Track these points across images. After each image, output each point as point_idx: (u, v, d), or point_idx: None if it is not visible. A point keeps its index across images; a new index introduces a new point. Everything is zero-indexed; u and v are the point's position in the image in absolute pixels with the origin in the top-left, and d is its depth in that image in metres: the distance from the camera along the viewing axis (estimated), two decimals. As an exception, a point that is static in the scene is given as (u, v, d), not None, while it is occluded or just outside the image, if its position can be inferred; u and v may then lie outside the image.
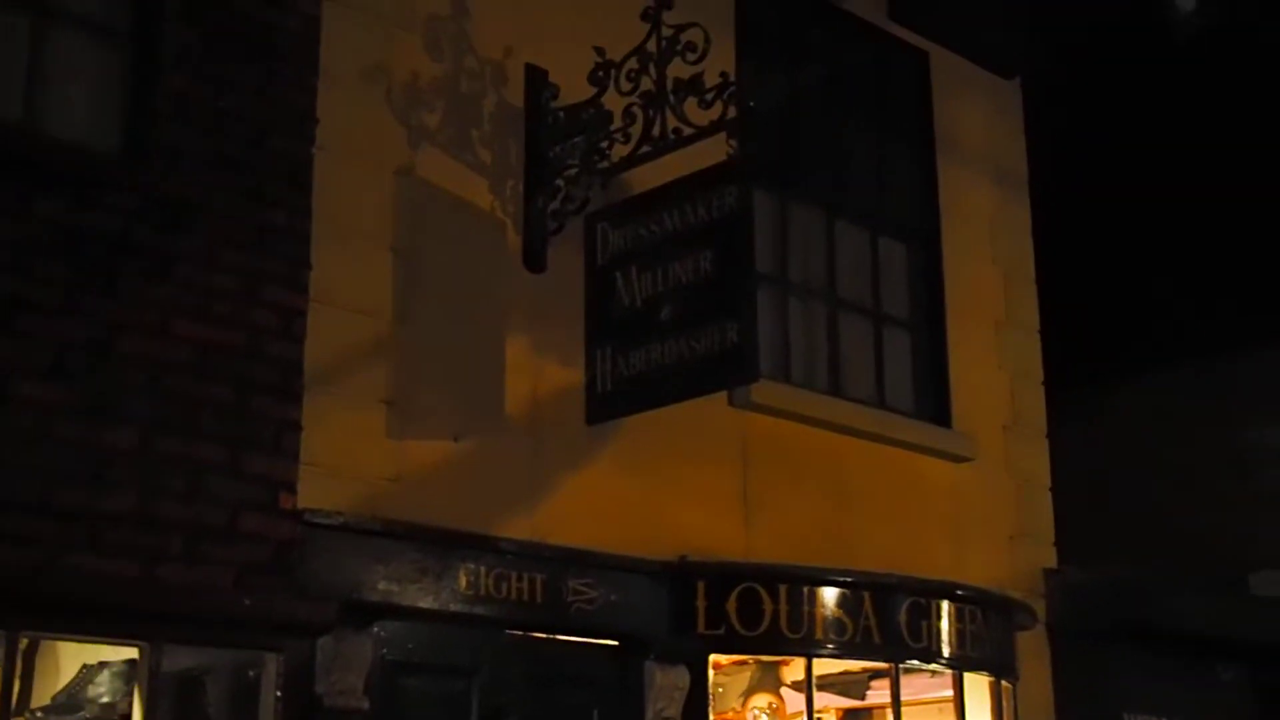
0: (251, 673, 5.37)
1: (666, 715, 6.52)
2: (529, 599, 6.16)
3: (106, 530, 5.07)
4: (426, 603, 5.84)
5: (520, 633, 6.25)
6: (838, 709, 9.14)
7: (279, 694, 5.26)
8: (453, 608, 5.92)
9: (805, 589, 6.97)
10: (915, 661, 7.41)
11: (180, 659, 5.28)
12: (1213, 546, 11.62)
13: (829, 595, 7.05)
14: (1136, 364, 12.38)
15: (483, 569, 6.02)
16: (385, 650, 5.76)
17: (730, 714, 8.37)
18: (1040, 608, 8.61)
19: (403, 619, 5.82)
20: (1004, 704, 7.94)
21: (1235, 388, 12.62)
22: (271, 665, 5.28)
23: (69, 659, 6.20)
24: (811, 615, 7.00)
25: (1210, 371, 12.54)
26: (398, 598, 5.75)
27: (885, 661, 7.37)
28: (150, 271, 5.40)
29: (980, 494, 8.52)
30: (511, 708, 6.12)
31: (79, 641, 5.46)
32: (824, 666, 7.81)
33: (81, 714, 5.90)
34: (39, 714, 6.08)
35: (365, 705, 5.54)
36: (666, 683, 6.52)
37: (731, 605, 6.81)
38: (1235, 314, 12.11)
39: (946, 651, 7.47)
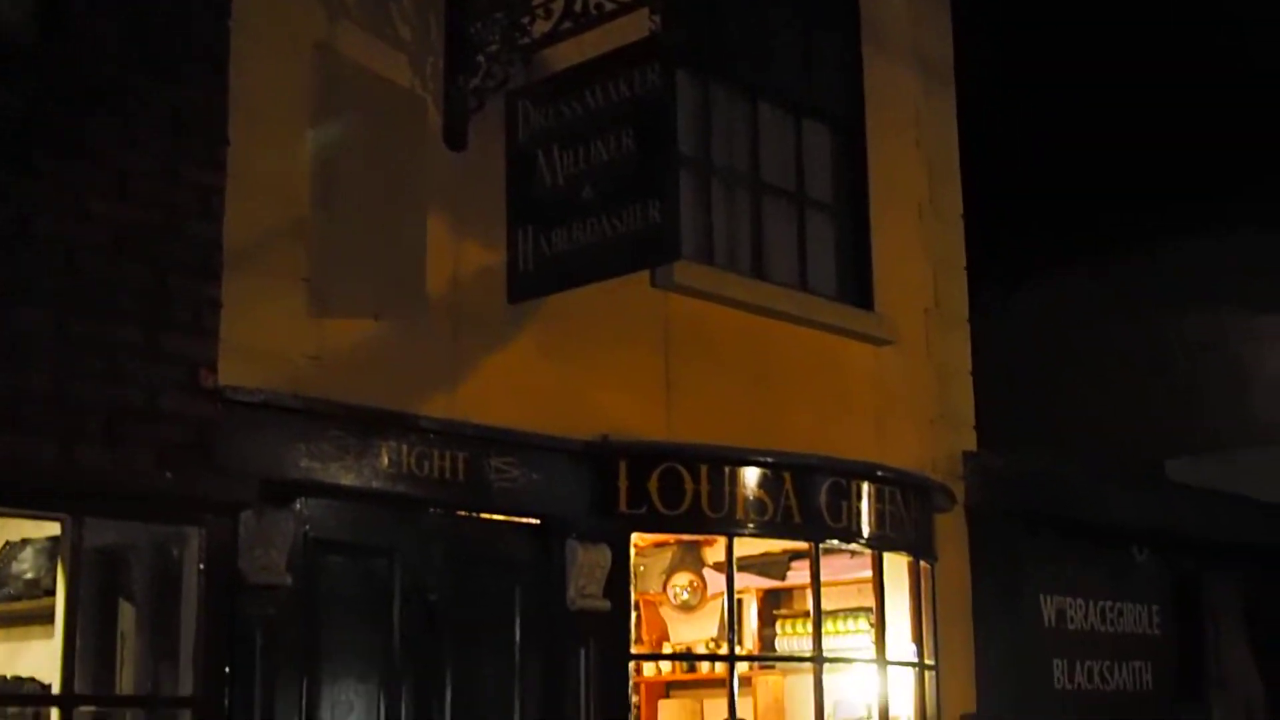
0: (174, 549, 5.38)
1: (588, 593, 6.59)
2: (451, 478, 6.20)
3: (24, 408, 5.04)
4: (348, 480, 5.87)
5: (442, 511, 6.29)
6: (758, 589, 9.30)
7: (202, 568, 5.27)
8: (374, 485, 5.95)
9: (726, 469, 7.06)
10: (835, 541, 7.54)
11: (103, 535, 5.28)
12: (1130, 434, 11.88)
13: (750, 475, 7.14)
14: (1058, 254, 12.52)
15: (404, 447, 6.04)
16: (308, 528, 5.79)
17: (652, 594, 8.49)
18: (959, 490, 8.75)
19: (325, 496, 5.84)
20: (922, 584, 8.10)
21: (1154, 279, 12.80)
22: (194, 541, 5.29)
23: (-9, 537, 6.22)
24: (732, 495, 7.10)
25: (1130, 263, 12.72)
26: (319, 475, 5.77)
27: (805, 541, 7.49)
28: (66, 152, 5.33)
29: (901, 378, 8.62)
30: (434, 586, 6.18)
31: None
32: (745, 547, 7.94)
33: (5, 590, 5.92)
34: (-39, 589, 6.10)
35: (288, 581, 5.57)
36: (589, 561, 6.59)
37: (653, 485, 6.88)
38: (1155, 207, 12.26)
39: (866, 531, 7.60)
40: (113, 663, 5.46)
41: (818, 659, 7.48)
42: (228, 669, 5.27)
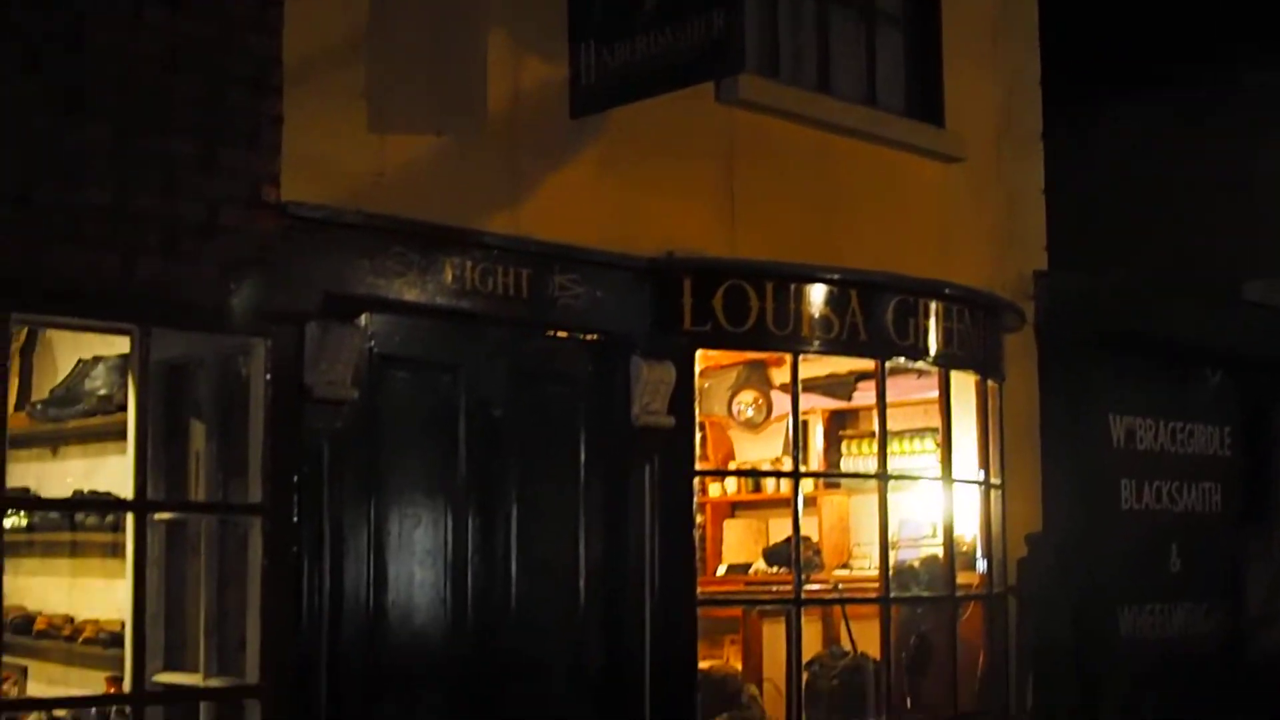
0: (241, 362, 5.44)
1: (653, 410, 6.61)
2: (514, 294, 6.20)
3: (84, 222, 5.05)
4: (412, 296, 5.88)
5: (506, 328, 6.29)
6: (824, 410, 9.28)
7: (268, 378, 5.31)
8: (439, 301, 5.97)
9: (792, 286, 7.01)
10: (901, 359, 7.49)
11: (170, 348, 5.35)
12: (1205, 256, 11.64)
13: (815, 292, 7.09)
14: (1136, 75, 12.16)
15: (468, 263, 6.04)
16: (373, 343, 5.83)
17: (717, 415, 8.49)
18: (1029, 310, 8.65)
19: (389, 312, 5.87)
20: (989, 403, 8.05)
21: (1233, 102, 12.44)
22: (260, 352, 5.34)
23: (65, 355, 6.32)
24: (798, 313, 7.05)
25: (1209, 85, 12.35)
26: (383, 290, 5.79)
27: (871, 358, 7.44)
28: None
29: (971, 196, 8.48)
30: (498, 402, 6.21)
31: (67, 329, 5.52)
32: (810, 369, 7.91)
33: (80, 406, 6.03)
34: (39, 406, 6.22)
35: (354, 396, 5.62)
36: (653, 378, 6.59)
37: (718, 302, 6.85)
38: (1236, 30, 11.86)
39: (933, 350, 7.55)
40: (184, 475, 5.57)
41: (882, 476, 7.49)
42: (295, 479, 5.34)
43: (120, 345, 5.51)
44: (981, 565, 7.98)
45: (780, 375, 8.10)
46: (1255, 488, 10.17)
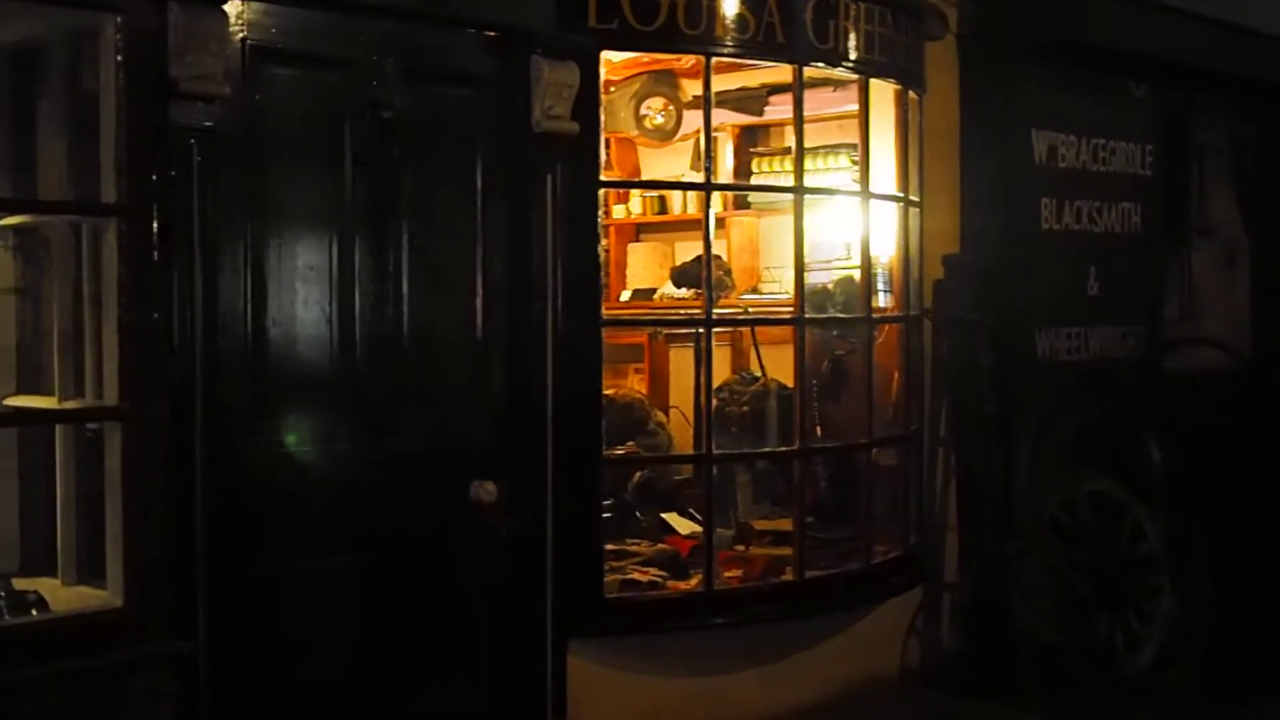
0: (92, 45, 4.80)
1: (555, 114, 6.08)
2: (403, -22, 5.59)
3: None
4: (288, -20, 5.25)
5: (396, 20, 5.67)
6: (734, 126, 8.87)
7: (119, 60, 4.68)
8: (318, -14, 5.34)
9: (706, -20, 6.47)
10: (821, 64, 7.03)
11: (11, 28, 4.74)
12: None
13: (730, -12, 6.56)
14: None
15: (349, -56, 5.40)
16: (247, 33, 5.20)
17: (623, 131, 8.02)
18: (952, 16, 8.16)
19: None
20: (910, 116, 7.66)
21: None
22: (110, 32, 4.69)
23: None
24: (711, 10, 6.55)
25: None
26: (255, -28, 5.15)
27: (789, 62, 6.97)
28: None
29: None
30: (388, 102, 5.64)
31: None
32: (720, 83, 7.44)
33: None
34: None
35: (226, 91, 5.01)
36: (555, 79, 6.04)
37: (625, -3, 6.31)
38: None
39: (853, 54, 7.09)
40: (33, 175, 5.00)
41: (799, 190, 7.09)
42: (156, 178, 4.78)
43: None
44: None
45: (691, 88, 7.60)
46: (1173, 209, 9.93)
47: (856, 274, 7.58)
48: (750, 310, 8.09)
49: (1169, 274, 9.96)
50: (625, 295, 8.85)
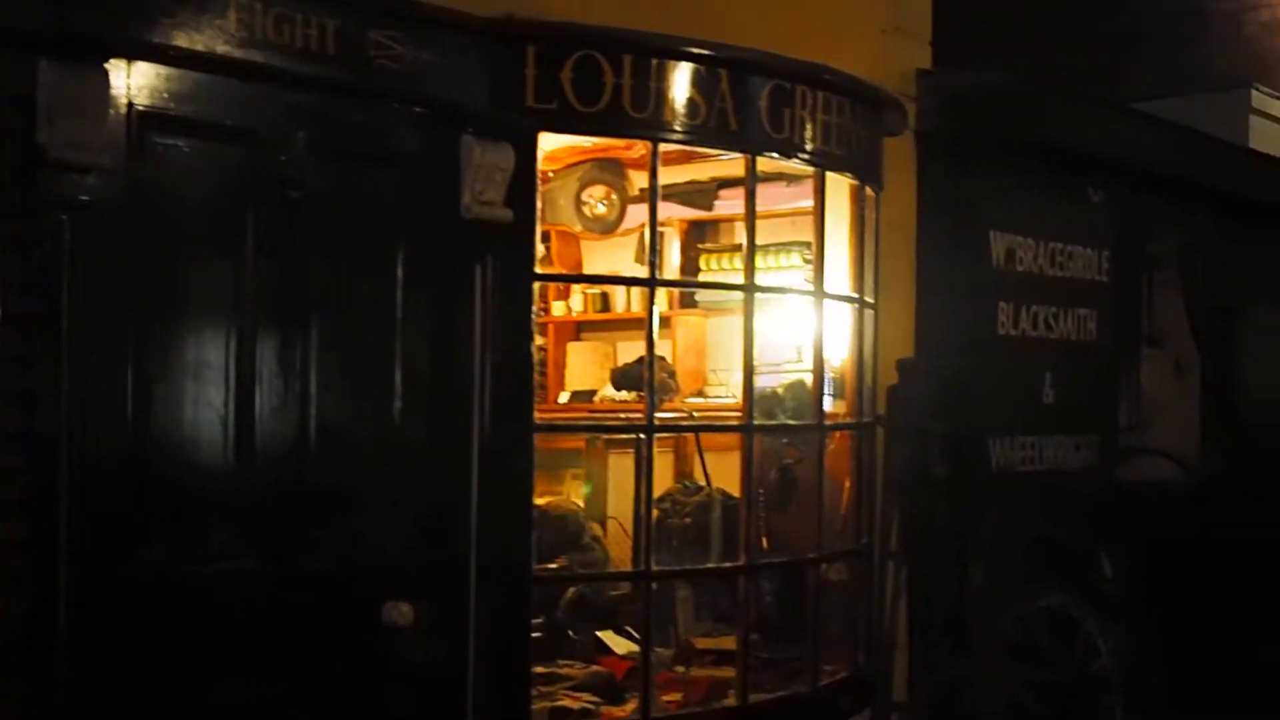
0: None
1: (487, 199, 5.56)
2: (318, 50, 5.04)
3: None
4: (184, 42, 4.70)
5: (309, 92, 5.14)
6: (681, 221, 8.47)
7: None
8: (220, 51, 4.79)
9: (654, 61, 5.98)
10: (775, 155, 6.55)
11: None
12: (1092, 64, 10.98)
13: (681, 70, 6.08)
14: None
15: (257, 5, 4.85)
16: (134, 98, 4.65)
17: (564, 224, 7.56)
18: (912, 111, 7.76)
19: (152, 59, 4.66)
20: (866, 214, 7.20)
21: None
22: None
23: None
24: (660, 92, 6.04)
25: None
26: (142, 30, 4.60)
27: (741, 151, 6.47)
28: None
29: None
30: (298, 182, 5.09)
31: None
32: (668, 175, 6.95)
33: None
34: None
35: (105, 161, 4.46)
36: (488, 161, 5.52)
37: (566, 75, 5.80)
38: None
39: (810, 146, 6.62)
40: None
41: (750, 287, 6.59)
42: (18, 258, 4.20)
43: None
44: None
45: (638, 180, 7.12)
46: (1124, 316, 9.58)
47: (808, 377, 7.10)
48: (695, 415, 7.60)
49: (1122, 385, 9.56)
50: (564, 397, 8.35)
